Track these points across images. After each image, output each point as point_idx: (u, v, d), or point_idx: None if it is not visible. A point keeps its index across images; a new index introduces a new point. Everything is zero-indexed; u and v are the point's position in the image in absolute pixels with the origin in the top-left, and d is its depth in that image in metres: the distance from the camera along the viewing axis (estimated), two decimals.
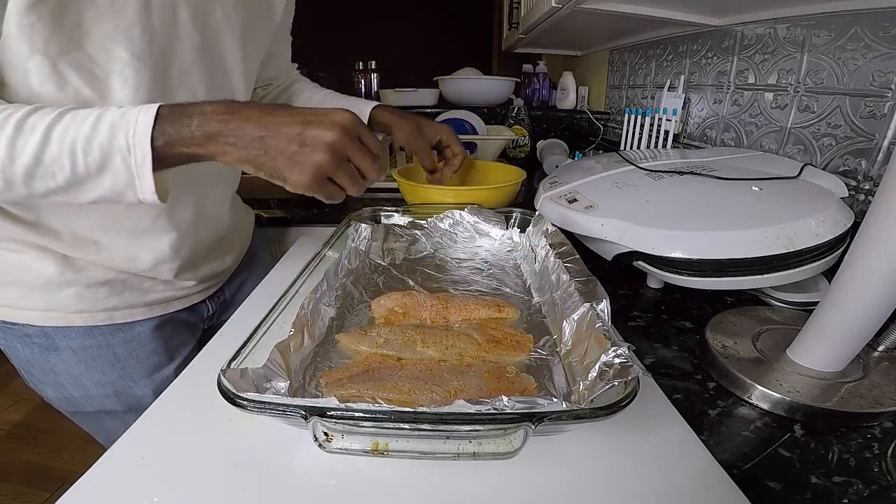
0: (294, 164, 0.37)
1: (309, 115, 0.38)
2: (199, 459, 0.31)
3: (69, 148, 0.33)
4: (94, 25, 0.37)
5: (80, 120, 0.34)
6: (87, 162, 0.34)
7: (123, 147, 0.34)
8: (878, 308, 0.33)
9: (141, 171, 0.35)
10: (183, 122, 0.35)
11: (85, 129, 0.34)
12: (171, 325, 0.58)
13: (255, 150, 0.37)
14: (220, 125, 0.36)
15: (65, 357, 0.51)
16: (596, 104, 1.53)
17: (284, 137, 0.37)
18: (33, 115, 0.34)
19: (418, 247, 0.64)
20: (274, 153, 0.37)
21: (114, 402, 0.55)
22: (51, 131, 0.33)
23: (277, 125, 0.37)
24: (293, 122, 0.37)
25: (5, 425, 1.53)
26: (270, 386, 0.31)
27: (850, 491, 0.29)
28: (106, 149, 0.34)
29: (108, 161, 0.34)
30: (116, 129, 0.34)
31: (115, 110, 0.35)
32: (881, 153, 0.56)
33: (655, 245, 0.49)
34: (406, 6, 2.82)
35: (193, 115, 0.35)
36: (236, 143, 0.36)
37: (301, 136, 0.37)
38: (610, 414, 0.27)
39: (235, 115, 0.36)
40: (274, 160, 0.37)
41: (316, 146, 0.37)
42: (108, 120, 0.34)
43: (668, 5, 0.80)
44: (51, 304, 0.48)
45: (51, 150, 0.33)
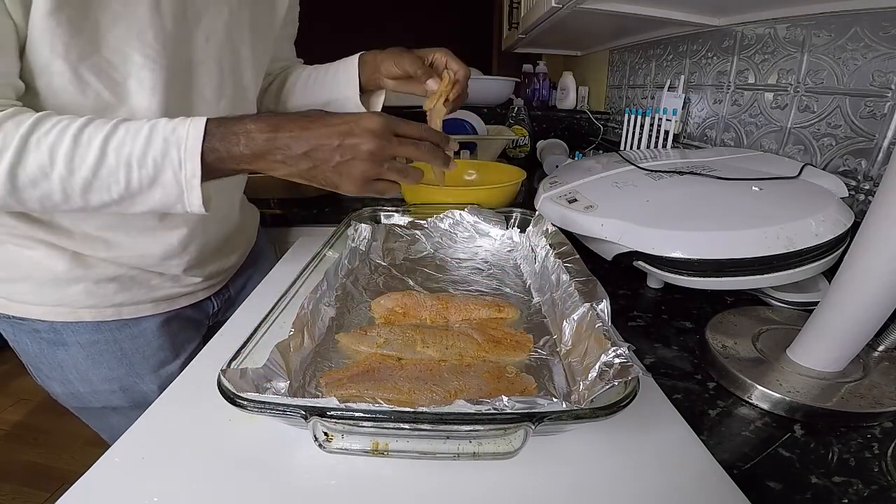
0: (341, 174, 0.40)
1: (343, 124, 0.39)
2: (199, 459, 0.31)
3: (125, 161, 0.35)
4: (110, 30, 0.38)
5: (134, 133, 0.36)
6: (140, 175, 0.36)
7: (175, 162, 0.36)
8: (878, 308, 0.33)
9: (190, 184, 0.37)
10: (231, 139, 0.37)
11: (140, 142, 0.35)
12: (177, 322, 0.58)
13: (304, 165, 0.39)
14: (267, 143, 0.38)
15: (73, 352, 0.52)
16: (596, 104, 1.53)
17: (327, 150, 0.39)
18: (89, 128, 0.35)
19: (418, 247, 0.64)
20: (321, 166, 0.39)
21: (119, 397, 0.55)
22: (107, 144, 0.35)
23: (319, 139, 0.38)
24: (332, 133, 0.39)
25: (5, 425, 1.53)
26: (270, 386, 0.31)
27: (850, 491, 0.29)
28: (159, 163, 0.36)
29: (159, 175, 0.36)
30: (169, 144, 0.36)
31: (166, 124, 0.36)
32: (881, 153, 0.56)
33: (655, 245, 0.49)
34: (406, 6, 2.82)
35: (240, 134, 0.37)
36: (284, 160, 0.39)
37: (341, 148, 0.39)
38: (610, 414, 0.27)
39: (279, 132, 0.38)
40: (323, 173, 0.40)
41: (356, 156, 0.39)
42: (160, 134, 0.36)
43: (668, 5, 0.80)
44: (60, 300, 0.49)
45: (108, 163, 0.35)
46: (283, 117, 0.39)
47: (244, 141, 0.37)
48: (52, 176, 0.34)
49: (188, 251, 0.54)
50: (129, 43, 0.40)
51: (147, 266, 0.52)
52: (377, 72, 0.61)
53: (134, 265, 0.51)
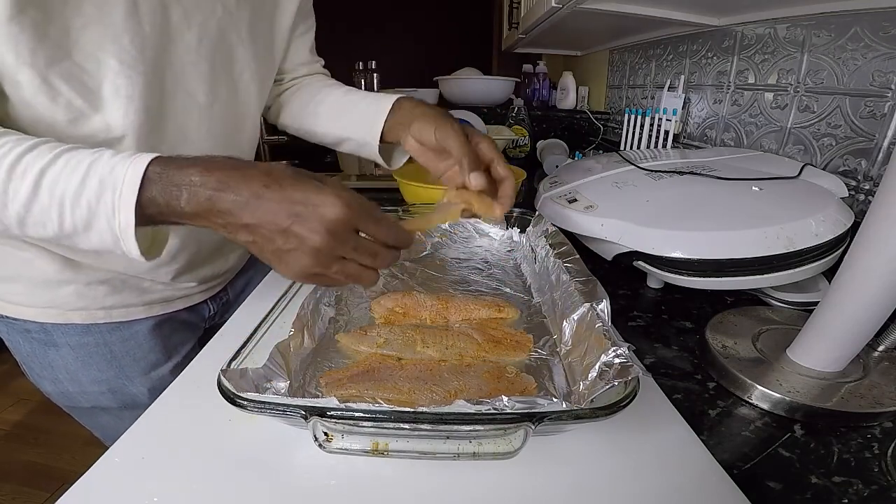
0: (280, 260, 0.34)
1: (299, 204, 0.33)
2: (199, 459, 0.31)
3: (58, 201, 0.32)
4: (82, 34, 0.36)
5: (72, 169, 0.32)
6: (74, 218, 0.32)
7: (109, 209, 0.32)
8: (878, 308, 0.33)
9: (125, 234, 0.32)
10: (172, 192, 0.32)
11: (74, 181, 0.32)
12: (169, 325, 0.58)
13: (243, 238, 0.34)
14: (208, 203, 0.32)
15: (63, 353, 0.51)
16: (596, 104, 1.53)
17: (270, 231, 0.33)
18: (28, 156, 0.32)
19: (418, 247, 0.64)
20: (261, 243, 0.34)
21: (108, 398, 0.55)
22: (42, 179, 0.32)
23: (265, 214, 0.33)
24: (280, 211, 0.32)
25: (5, 425, 1.53)
26: (270, 386, 0.31)
27: (850, 491, 0.29)
28: (93, 207, 0.32)
29: (93, 220, 0.32)
30: (104, 187, 0.32)
31: (107, 161, 0.32)
32: (881, 153, 0.56)
33: (655, 245, 0.49)
34: (406, 6, 2.82)
35: (182, 186, 0.32)
36: (225, 226, 0.34)
37: (285, 234, 0.33)
38: (610, 414, 0.27)
39: (224, 192, 0.32)
40: (261, 251, 0.35)
41: (300, 248, 0.33)
42: (97, 174, 0.32)
43: (668, 5, 0.80)
44: (51, 301, 0.49)
45: (41, 201, 0.32)
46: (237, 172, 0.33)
47: (185, 196, 0.32)
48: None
49: (177, 260, 0.53)
50: (104, 48, 0.37)
51: (136, 273, 0.51)
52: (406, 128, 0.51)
53: (123, 272, 0.50)
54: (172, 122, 0.46)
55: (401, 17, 2.82)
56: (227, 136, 0.52)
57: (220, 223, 0.33)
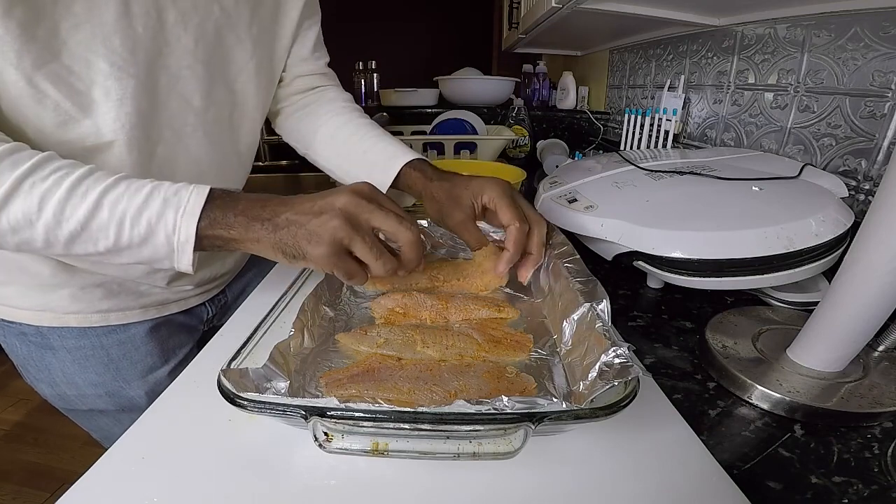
0: (311, 235, 0.36)
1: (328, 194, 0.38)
2: (199, 459, 0.31)
3: (119, 218, 0.34)
4: (71, 35, 0.36)
5: (135, 190, 0.34)
6: (132, 234, 0.34)
7: (170, 225, 0.34)
8: (878, 308, 0.33)
9: (183, 248, 0.35)
10: (230, 205, 0.36)
11: (137, 200, 0.34)
12: (166, 328, 0.57)
13: (283, 231, 0.36)
14: (259, 210, 0.36)
15: (60, 356, 0.51)
16: (596, 104, 1.53)
17: (303, 210, 0.36)
18: (88, 179, 0.34)
19: None
20: (295, 229, 0.36)
21: (105, 401, 0.55)
22: (103, 199, 0.33)
23: (301, 202, 0.37)
24: (311, 196, 0.37)
25: (5, 425, 1.53)
26: (270, 386, 0.31)
27: (850, 491, 0.29)
28: (153, 224, 0.34)
29: (151, 236, 0.35)
30: (168, 206, 0.34)
31: (170, 186, 0.35)
32: (881, 153, 0.56)
33: (655, 245, 0.49)
34: (406, 6, 2.82)
35: (239, 200, 0.37)
36: (270, 227, 0.36)
37: (315, 206, 0.36)
38: (610, 414, 0.27)
39: (271, 200, 0.37)
40: (295, 236, 0.36)
41: (329, 212, 0.36)
42: (161, 195, 0.35)
43: (668, 5, 0.80)
44: (46, 305, 0.48)
45: (100, 217, 0.33)
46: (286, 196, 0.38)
47: (242, 205, 0.36)
48: (37, 224, 0.33)
49: None
50: (94, 49, 0.37)
51: (131, 277, 0.51)
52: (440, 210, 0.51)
53: (118, 276, 0.50)
54: (167, 126, 0.45)
55: (401, 17, 2.83)
56: (223, 139, 0.51)
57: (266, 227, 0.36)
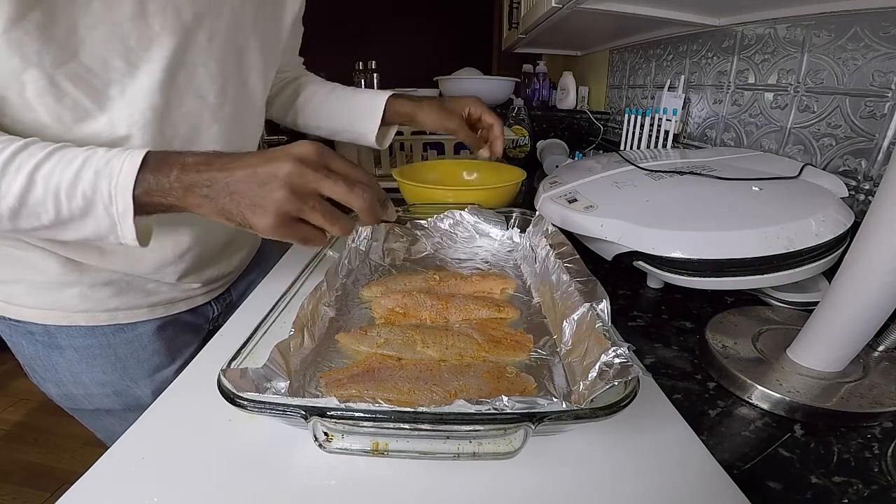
0: (255, 206, 0.34)
1: (271, 152, 0.35)
2: (199, 459, 0.31)
3: (53, 192, 0.33)
4: (90, 34, 0.36)
5: (67, 162, 0.34)
6: (70, 207, 0.34)
7: (105, 196, 0.34)
8: (878, 308, 0.33)
9: (123, 219, 0.34)
10: (164, 171, 0.34)
11: (69, 174, 0.33)
12: (173, 327, 0.58)
13: (224, 199, 0.34)
14: (195, 175, 0.34)
15: (67, 355, 0.51)
16: (596, 104, 1.53)
17: (243, 179, 0.34)
18: (21, 154, 0.33)
19: (418, 247, 0.64)
20: (237, 197, 0.34)
21: (113, 401, 0.55)
22: (36, 173, 0.33)
23: (240, 167, 0.34)
24: (253, 161, 0.34)
25: (5, 425, 1.53)
26: (270, 386, 0.31)
27: (850, 491, 0.29)
28: (89, 196, 0.34)
29: (90, 208, 0.34)
30: (100, 177, 0.33)
31: (102, 155, 0.34)
32: (881, 153, 0.56)
33: (655, 245, 0.49)
34: (406, 6, 2.82)
35: (174, 165, 0.34)
36: (208, 193, 0.34)
37: (257, 175, 0.34)
38: (610, 414, 0.27)
39: (212, 164, 0.35)
40: (238, 205, 0.34)
41: (272, 182, 0.34)
42: (92, 166, 0.34)
43: (668, 5, 0.80)
44: (54, 304, 0.48)
45: (35, 193, 0.33)
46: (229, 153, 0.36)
47: (175, 172, 0.34)
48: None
49: (184, 259, 0.53)
50: (111, 47, 0.38)
51: (141, 274, 0.51)
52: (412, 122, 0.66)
53: (128, 271, 0.50)
54: (182, 122, 0.46)
55: (401, 18, 2.82)
56: (234, 135, 0.52)
57: (204, 193, 0.35)
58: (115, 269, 0.49)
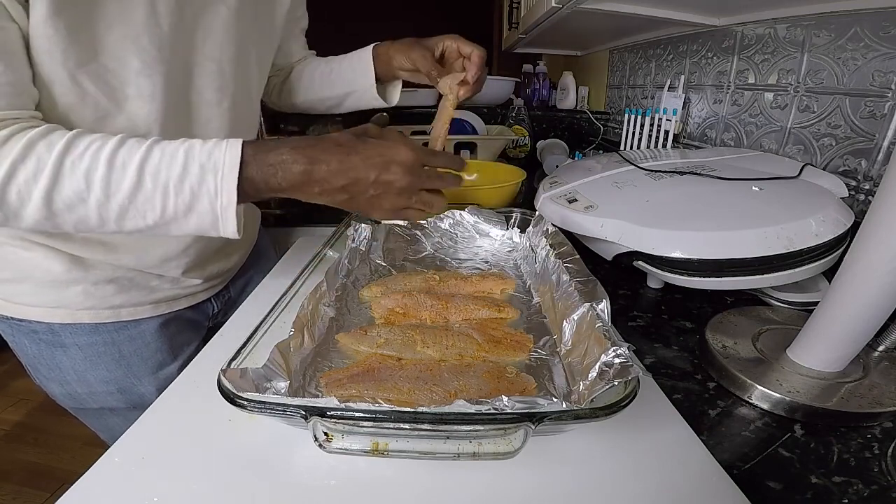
0: (373, 206, 0.42)
1: (379, 157, 0.40)
2: (199, 459, 0.31)
3: (162, 188, 0.34)
4: (107, 35, 0.38)
5: (170, 158, 0.35)
6: (176, 203, 0.35)
7: (212, 191, 0.35)
8: (878, 308, 0.33)
9: (226, 213, 0.36)
10: (268, 170, 0.37)
11: (176, 168, 0.35)
12: (175, 324, 0.58)
13: (340, 197, 0.40)
14: (303, 176, 0.38)
15: (71, 354, 0.51)
16: (596, 104, 1.53)
17: (363, 184, 0.40)
18: (122, 150, 0.34)
19: (418, 247, 0.64)
20: (357, 198, 0.41)
21: (117, 399, 0.55)
22: (143, 169, 0.34)
23: (356, 172, 0.39)
24: (368, 167, 0.39)
25: (5, 425, 1.53)
26: (270, 386, 0.31)
27: (850, 491, 0.29)
28: (196, 190, 0.35)
29: (195, 202, 0.35)
30: (206, 171, 0.35)
31: (201, 147, 0.36)
32: (881, 153, 0.55)
33: (655, 245, 0.49)
34: (406, 6, 2.82)
35: (276, 165, 0.37)
36: (321, 192, 0.39)
37: (376, 184, 0.40)
38: (610, 414, 0.27)
39: (315, 164, 0.38)
40: (357, 203, 0.41)
41: (389, 191, 0.41)
42: (197, 160, 0.35)
43: (668, 5, 0.80)
44: (58, 301, 0.49)
45: (145, 189, 0.34)
46: (317, 146, 0.39)
47: (281, 173, 0.37)
48: (89, 201, 0.34)
49: (187, 253, 0.53)
50: (126, 48, 0.39)
51: (146, 268, 0.52)
52: (390, 65, 0.62)
53: (132, 267, 0.51)
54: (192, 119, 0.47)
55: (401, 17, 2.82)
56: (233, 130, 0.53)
57: (317, 191, 0.39)
58: (120, 265, 0.50)
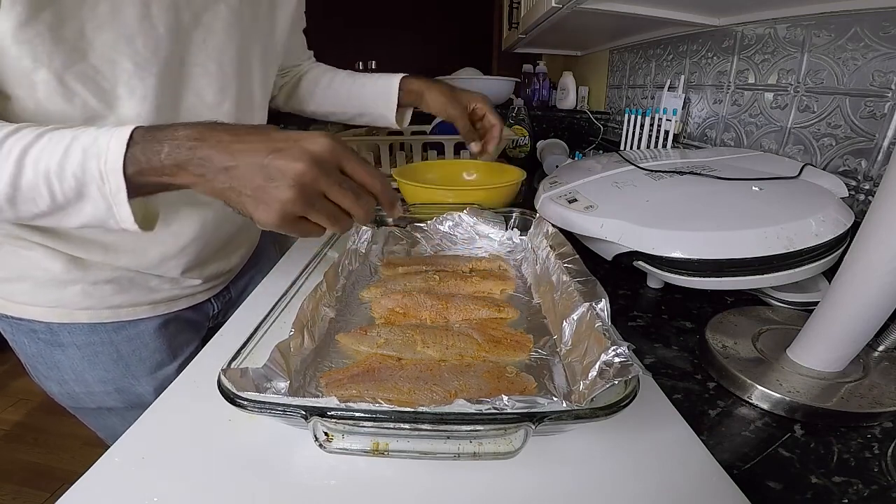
0: (258, 201, 0.33)
1: (280, 141, 0.33)
2: (199, 459, 0.31)
3: (44, 175, 0.32)
4: (97, 36, 0.37)
5: (55, 144, 0.32)
6: (63, 189, 0.32)
7: (97, 176, 0.32)
8: (878, 308, 0.33)
9: (116, 199, 0.33)
10: (154, 149, 0.32)
11: (57, 155, 0.32)
12: (175, 324, 0.58)
13: (222, 183, 0.33)
14: (189, 153, 0.32)
15: (69, 353, 0.51)
16: (596, 104, 1.53)
17: (249, 169, 0.32)
18: (10, 139, 0.32)
19: (419, 249, 0.64)
20: (239, 187, 0.33)
21: (115, 398, 0.55)
22: (24, 157, 0.32)
23: (244, 153, 0.32)
24: (260, 149, 0.32)
25: (5, 425, 1.53)
26: (270, 386, 0.31)
27: (850, 491, 0.29)
28: (80, 177, 0.32)
29: (84, 189, 0.33)
30: (88, 156, 0.32)
31: (90, 133, 0.33)
32: (881, 153, 0.55)
33: (655, 245, 0.49)
34: (406, 6, 2.82)
35: (164, 142, 0.33)
36: (204, 173, 0.33)
37: (266, 169, 0.32)
38: (610, 414, 0.27)
39: (205, 141, 0.33)
40: (239, 195, 0.33)
41: (281, 181, 0.32)
42: (80, 145, 0.32)
43: (668, 5, 0.80)
44: (57, 301, 0.49)
45: (26, 178, 0.32)
46: (223, 126, 0.34)
47: (167, 149, 0.32)
48: None
49: (186, 252, 0.53)
50: (118, 49, 0.39)
51: (144, 268, 0.51)
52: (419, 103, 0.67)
53: (132, 268, 0.50)
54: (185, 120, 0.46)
55: (401, 17, 2.82)
56: None
57: (199, 172, 0.33)
58: (119, 265, 0.50)
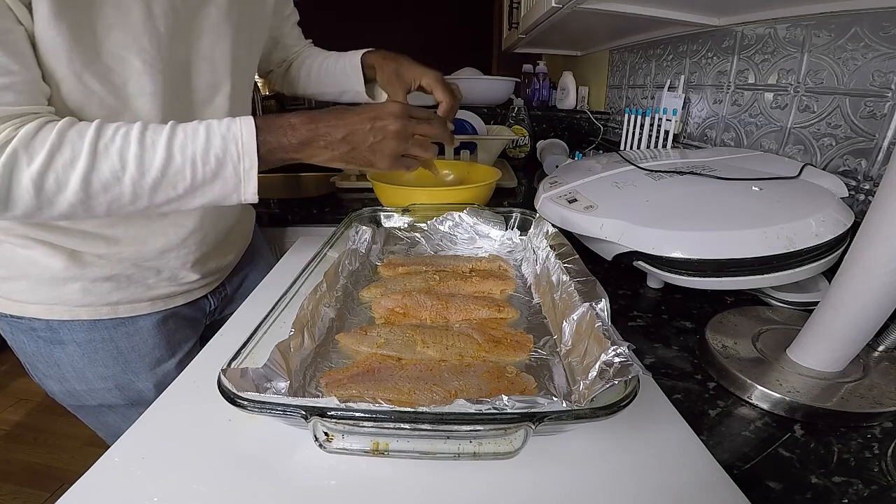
0: (374, 152, 0.47)
1: (371, 111, 0.47)
2: (199, 459, 0.31)
3: (191, 159, 0.39)
4: (107, 37, 0.39)
5: (192, 134, 0.40)
6: (204, 171, 0.40)
7: (234, 156, 0.41)
8: (878, 308, 0.33)
9: (248, 175, 0.42)
10: (279, 132, 0.43)
11: (200, 141, 0.40)
12: (173, 320, 0.58)
13: (343, 149, 0.46)
14: (310, 133, 0.44)
15: (69, 350, 0.52)
16: (596, 104, 1.53)
17: (361, 133, 0.46)
18: (148, 132, 0.39)
19: (419, 249, 0.64)
20: (358, 147, 0.46)
21: (115, 395, 0.55)
22: (172, 145, 0.39)
23: (353, 124, 0.46)
24: (363, 119, 0.46)
25: (5, 425, 1.53)
26: (270, 386, 0.31)
27: (850, 491, 0.29)
28: (221, 158, 0.40)
29: (221, 170, 0.41)
30: (227, 141, 0.40)
31: (219, 124, 0.41)
32: (881, 153, 0.55)
33: (655, 245, 0.49)
34: (406, 5, 2.82)
35: (285, 127, 0.44)
36: (327, 146, 0.45)
37: (373, 130, 0.46)
38: (610, 414, 0.27)
39: (318, 123, 0.45)
40: (360, 153, 0.47)
41: (386, 135, 0.47)
42: (218, 133, 0.41)
43: (668, 5, 0.80)
44: (57, 298, 0.49)
45: (175, 163, 0.39)
46: (317, 111, 0.46)
47: (290, 131, 0.43)
48: (124, 179, 0.38)
49: (186, 244, 0.54)
50: (127, 48, 0.41)
51: (145, 261, 0.52)
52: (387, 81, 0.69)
53: (132, 261, 0.51)
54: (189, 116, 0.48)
55: (400, 17, 2.82)
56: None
57: (322, 145, 0.45)
58: (119, 259, 0.50)
